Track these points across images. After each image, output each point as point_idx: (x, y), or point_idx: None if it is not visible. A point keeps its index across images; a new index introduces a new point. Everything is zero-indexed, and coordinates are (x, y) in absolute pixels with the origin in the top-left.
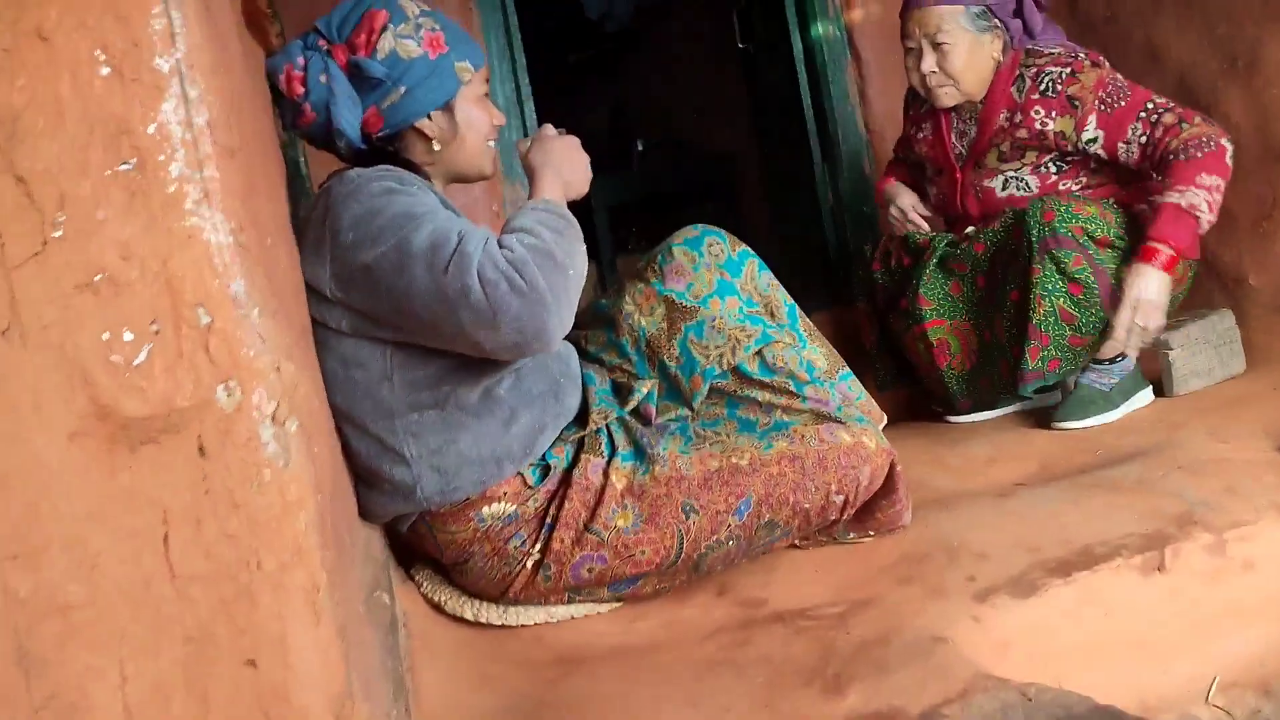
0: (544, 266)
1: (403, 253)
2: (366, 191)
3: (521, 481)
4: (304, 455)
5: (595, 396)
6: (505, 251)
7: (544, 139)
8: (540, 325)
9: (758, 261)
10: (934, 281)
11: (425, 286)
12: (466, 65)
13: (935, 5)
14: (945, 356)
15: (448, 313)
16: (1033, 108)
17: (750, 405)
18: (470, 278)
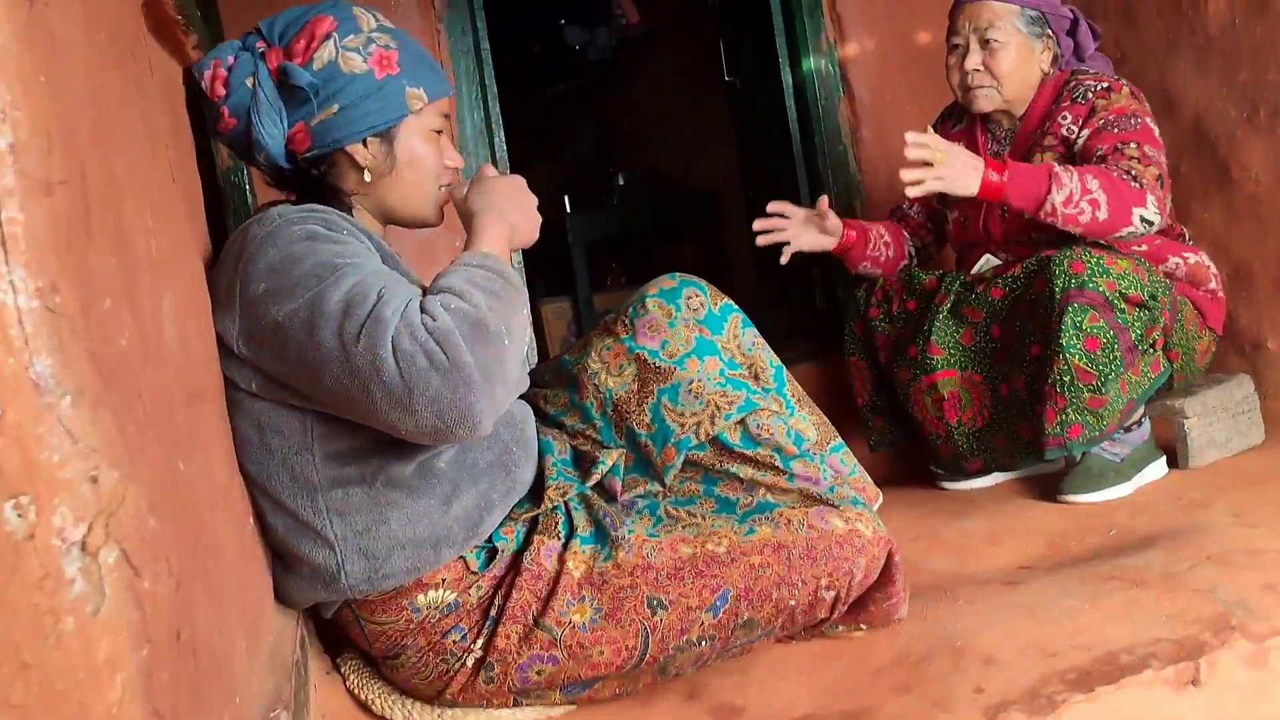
0: (472, 337)
1: (315, 312)
2: (285, 235)
3: (463, 566)
4: (125, 596)
5: (553, 468)
6: (426, 318)
7: (483, 179)
8: (464, 409)
9: (741, 317)
10: (946, 329)
11: (333, 356)
12: (419, 93)
13: (990, 0)
14: (956, 411)
15: (358, 390)
16: (1061, 113)
17: (730, 482)
18: (383, 349)
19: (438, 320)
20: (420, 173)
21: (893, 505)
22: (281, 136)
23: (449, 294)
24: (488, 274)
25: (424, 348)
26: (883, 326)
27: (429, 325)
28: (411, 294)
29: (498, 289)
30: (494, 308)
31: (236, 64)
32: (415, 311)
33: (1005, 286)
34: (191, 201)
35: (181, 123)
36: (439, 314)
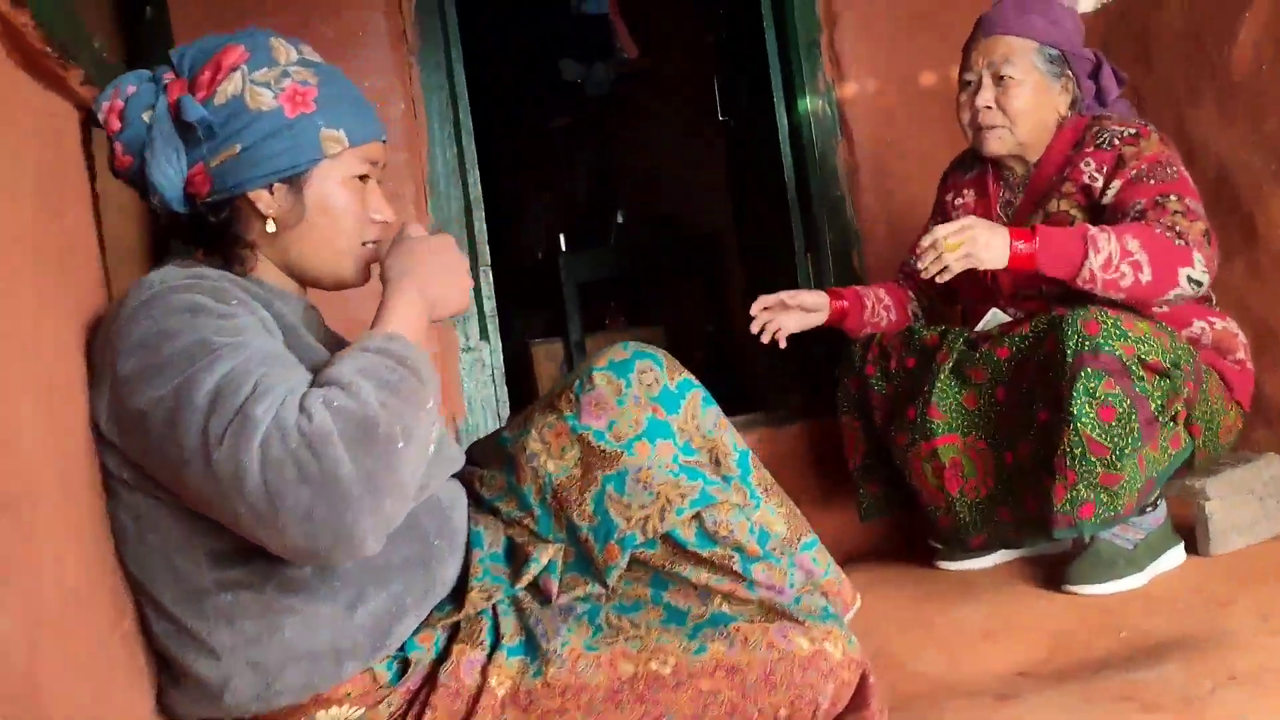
0: (356, 441)
1: (180, 402)
2: (162, 306)
3: (371, 678)
4: None
5: (480, 565)
6: (302, 419)
7: (401, 240)
8: (340, 529)
9: (702, 394)
10: (948, 390)
11: (195, 457)
12: (338, 135)
13: (1006, 34)
14: (958, 480)
15: (220, 500)
16: (1084, 159)
17: (683, 588)
18: (246, 455)
19: (315, 421)
20: (335, 226)
21: (882, 585)
22: (178, 178)
23: (334, 387)
24: (386, 362)
25: (294, 455)
26: (879, 385)
27: (303, 427)
28: (294, 386)
29: (395, 381)
30: (388, 404)
31: (135, 95)
32: (292, 410)
33: (1012, 346)
34: (74, 255)
35: (65, 167)
36: (317, 413)
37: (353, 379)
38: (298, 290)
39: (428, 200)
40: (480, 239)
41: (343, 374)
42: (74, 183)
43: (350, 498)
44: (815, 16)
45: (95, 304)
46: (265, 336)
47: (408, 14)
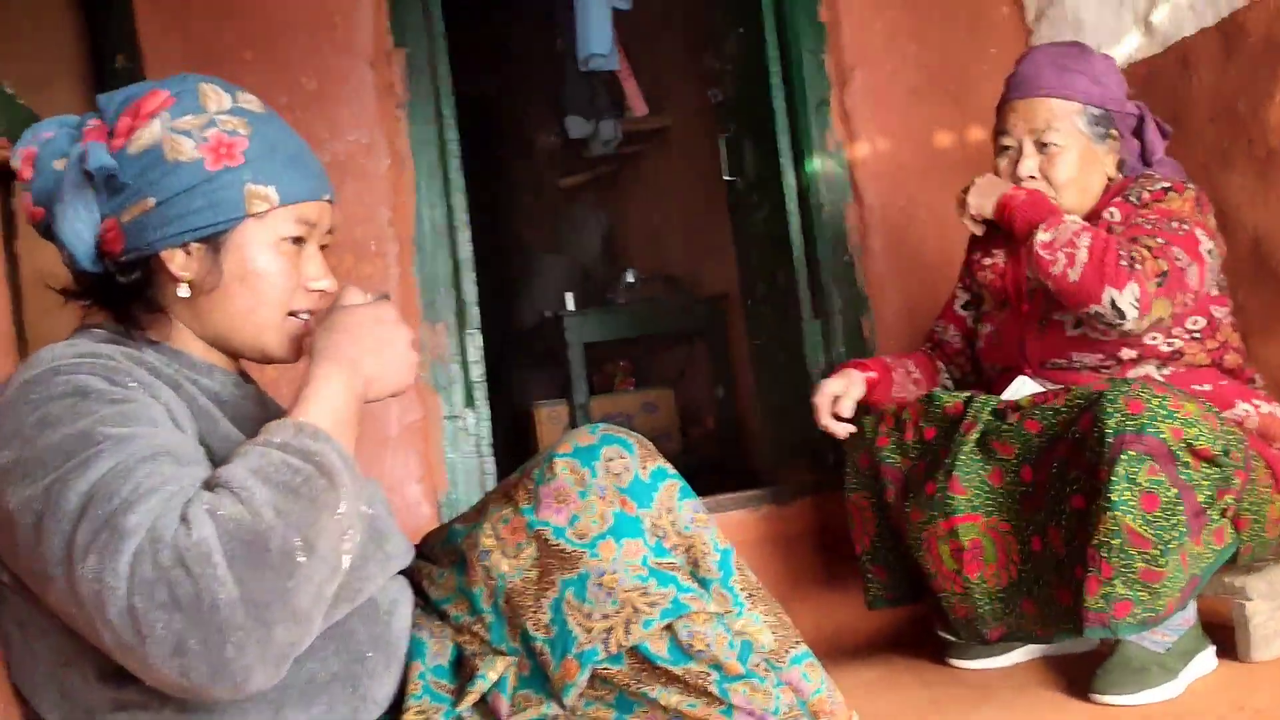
0: (242, 560)
1: (48, 505)
2: (45, 389)
3: None
4: None
5: (419, 681)
6: (182, 530)
7: (335, 310)
8: (219, 665)
9: (680, 485)
10: (972, 464)
11: (57, 572)
12: (265, 192)
13: (1047, 97)
14: (978, 565)
15: (84, 623)
16: (1108, 209)
17: (650, 711)
18: (111, 574)
19: (194, 534)
20: (256, 293)
21: (889, 687)
22: (89, 233)
23: (223, 490)
24: (289, 460)
25: (167, 576)
26: (893, 459)
27: (180, 542)
28: (178, 489)
29: (298, 484)
30: (286, 512)
31: (50, 141)
32: (170, 520)
33: (1044, 420)
34: None
35: None
36: (198, 525)
37: (245, 481)
38: (226, 363)
39: (413, 260)
40: (469, 300)
41: (234, 476)
42: None
43: (230, 627)
44: (825, 75)
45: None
46: (164, 426)
47: (397, 65)
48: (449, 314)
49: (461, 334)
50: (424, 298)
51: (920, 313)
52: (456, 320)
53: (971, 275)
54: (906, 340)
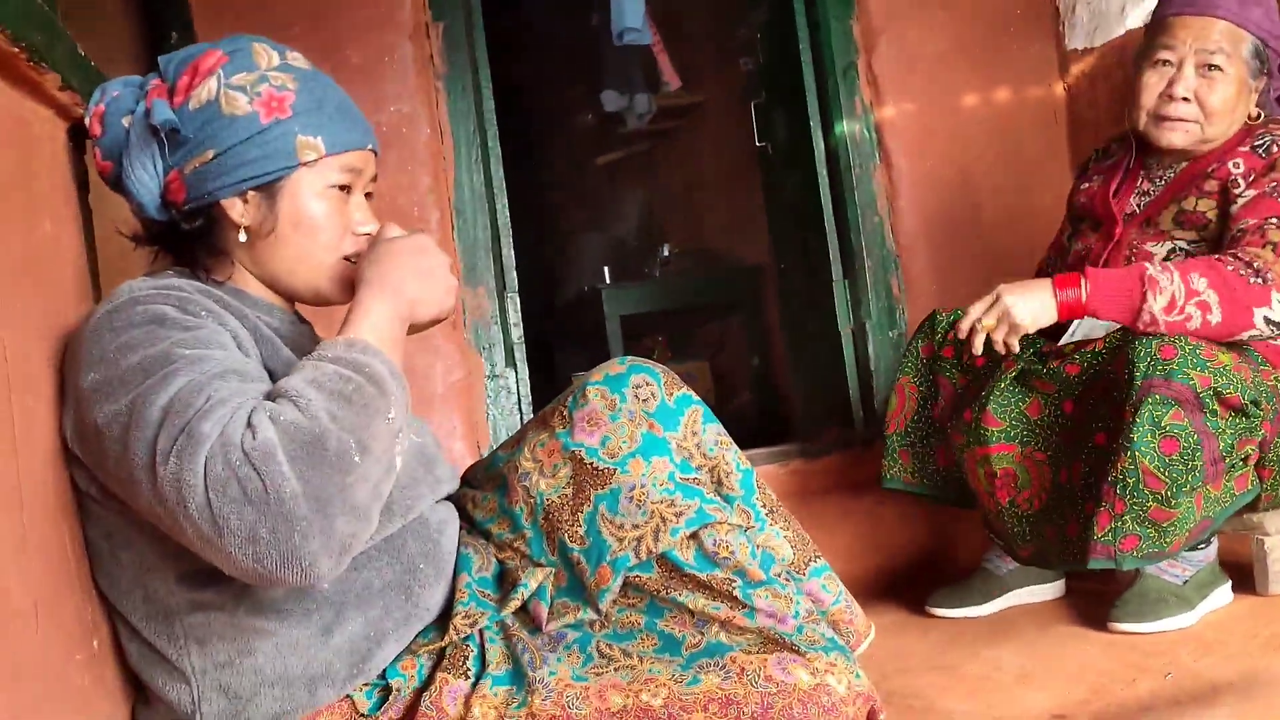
0: (302, 458)
1: (133, 418)
2: (126, 317)
3: (350, 706)
4: None
5: (465, 590)
6: (247, 435)
7: (378, 243)
8: (288, 552)
9: (703, 410)
10: (1008, 398)
11: (143, 475)
12: (314, 142)
13: (1225, 19)
14: (1009, 491)
15: (170, 520)
16: (1235, 158)
17: (678, 615)
18: (191, 473)
19: (258, 437)
20: (310, 237)
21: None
22: (154, 184)
23: (283, 399)
24: (341, 371)
25: (237, 473)
26: (951, 372)
27: (247, 444)
28: (244, 400)
29: (350, 391)
30: (340, 417)
31: (117, 99)
32: (238, 425)
33: (1084, 362)
34: (50, 266)
35: (38, 174)
36: (262, 429)
37: (301, 390)
38: (282, 304)
39: (454, 226)
40: (508, 264)
41: (292, 386)
42: (50, 191)
43: (295, 518)
44: (852, 40)
45: (76, 316)
46: (232, 350)
47: (435, 39)
48: (489, 278)
49: (501, 297)
50: (465, 263)
51: (949, 269)
52: (496, 284)
53: (1071, 205)
54: (936, 297)
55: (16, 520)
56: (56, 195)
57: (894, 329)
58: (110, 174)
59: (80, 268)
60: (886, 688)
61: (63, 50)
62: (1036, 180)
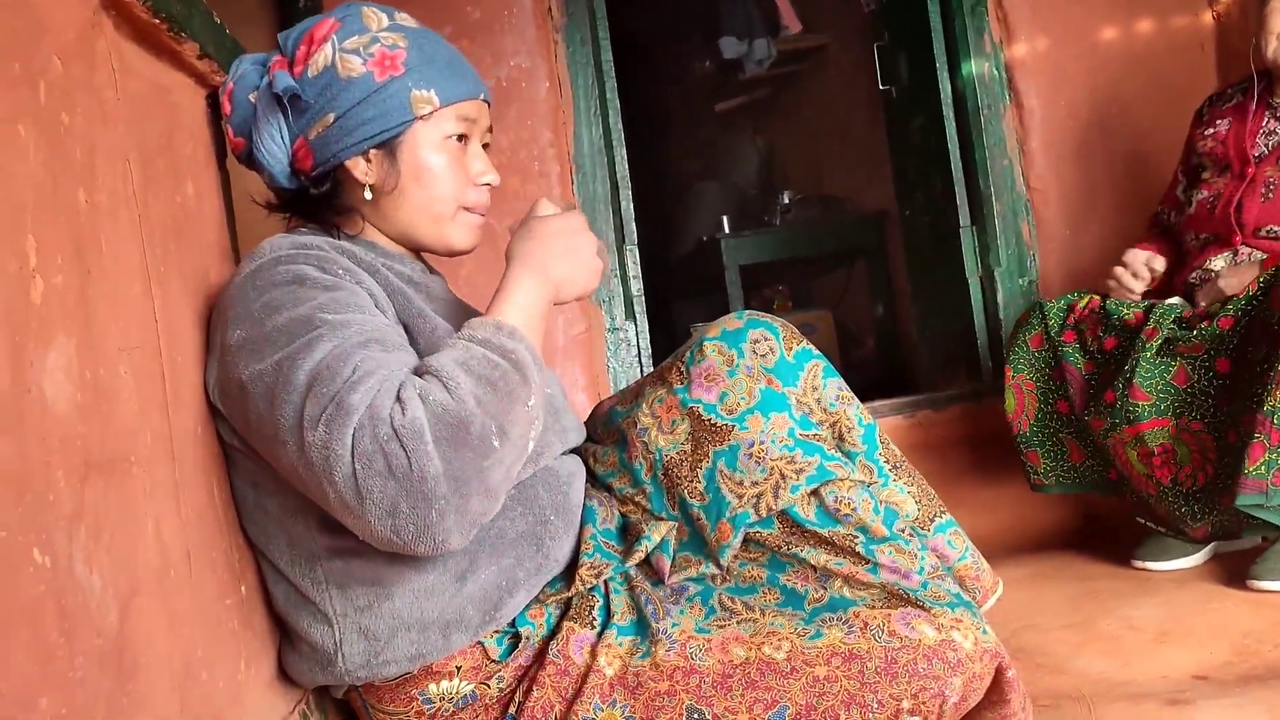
0: (447, 439)
1: (279, 380)
2: (269, 276)
3: (482, 653)
4: None
5: (591, 541)
6: (395, 411)
7: (528, 220)
8: (423, 526)
9: (824, 365)
10: (1153, 369)
11: (290, 438)
12: (428, 95)
13: None
14: (1170, 469)
15: (313, 484)
16: None
17: (800, 570)
18: (339, 444)
19: (407, 415)
20: (431, 190)
21: (1044, 580)
22: (283, 153)
23: (432, 378)
24: (490, 356)
25: (384, 449)
26: (1075, 358)
27: (396, 421)
28: (390, 373)
29: (496, 378)
30: (485, 402)
31: (243, 78)
32: (386, 401)
33: (1235, 311)
34: (193, 226)
35: (181, 139)
36: (411, 407)
37: (451, 372)
38: (412, 255)
39: (574, 179)
40: (627, 217)
41: (443, 366)
42: (192, 156)
43: (435, 496)
44: None
45: (219, 275)
46: (371, 312)
47: None
48: (609, 231)
49: (621, 249)
50: (587, 212)
51: (1083, 212)
52: (616, 236)
53: (1192, 153)
54: (1070, 242)
55: (170, 472)
56: (197, 160)
57: (1024, 276)
58: (242, 150)
59: (221, 229)
60: (1015, 644)
61: (199, 20)
62: (1181, 117)
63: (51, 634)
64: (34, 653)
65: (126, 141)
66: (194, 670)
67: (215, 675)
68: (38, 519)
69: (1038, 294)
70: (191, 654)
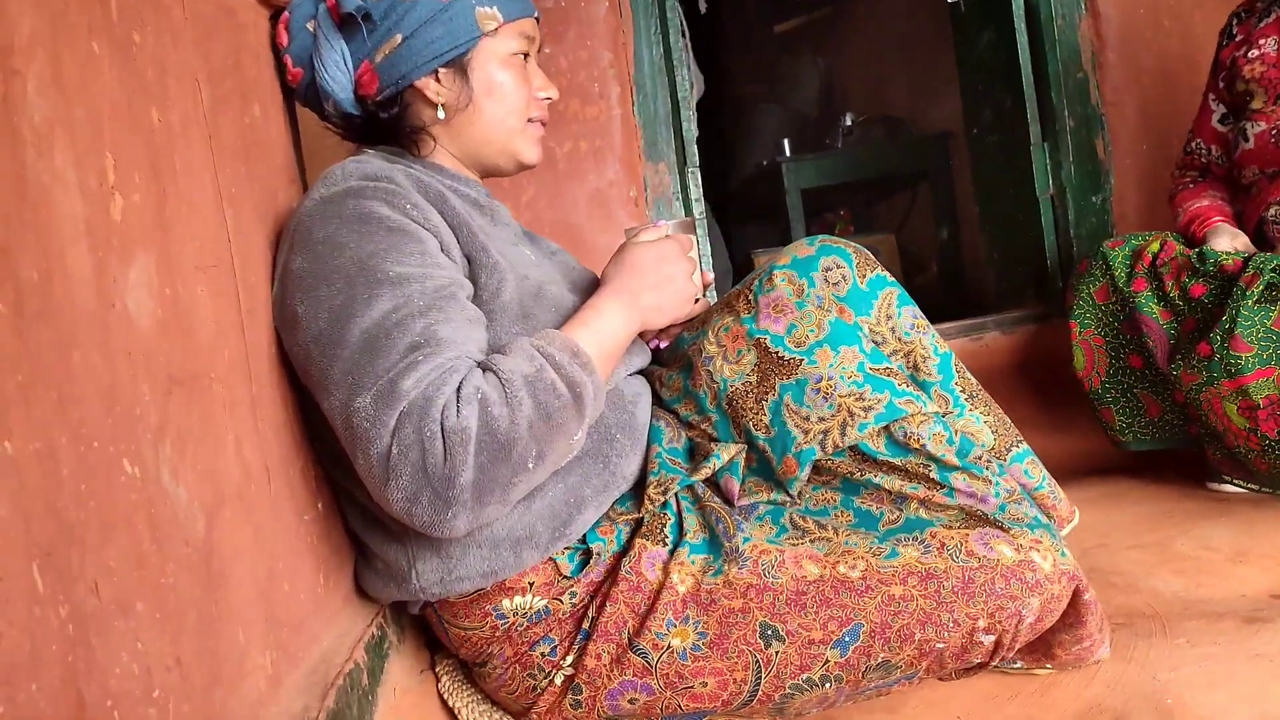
0: (488, 452)
1: (333, 329)
2: (337, 208)
3: (554, 569)
4: None
5: (656, 460)
6: (449, 410)
7: (626, 247)
8: (437, 520)
9: (899, 292)
10: (1253, 317)
11: (336, 390)
12: (492, 12)
13: None
14: (1276, 421)
15: (346, 442)
16: None
17: (874, 492)
18: (381, 422)
19: (461, 418)
20: (503, 104)
21: (1117, 501)
22: (348, 80)
23: (497, 385)
24: (556, 384)
25: (425, 444)
26: (1150, 309)
27: (447, 421)
28: (450, 361)
29: (556, 407)
30: (535, 427)
31: (299, 7)
32: (442, 394)
33: None
34: (260, 148)
35: (247, 62)
36: (466, 412)
37: (518, 390)
38: (477, 178)
39: (634, 100)
40: (688, 139)
41: (513, 377)
42: (258, 78)
43: (457, 500)
44: None
45: (287, 198)
46: (435, 261)
47: None
48: (670, 153)
49: (683, 171)
50: (645, 137)
51: (1160, 129)
52: (677, 158)
53: (1232, 77)
54: (1146, 160)
55: (248, 390)
56: (263, 81)
57: (1097, 194)
58: (301, 81)
59: (287, 151)
60: (1087, 564)
61: None
62: None
63: (144, 542)
64: (130, 559)
65: (195, 61)
66: (277, 582)
67: (296, 587)
68: (127, 431)
69: (1111, 213)
70: (274, 566)
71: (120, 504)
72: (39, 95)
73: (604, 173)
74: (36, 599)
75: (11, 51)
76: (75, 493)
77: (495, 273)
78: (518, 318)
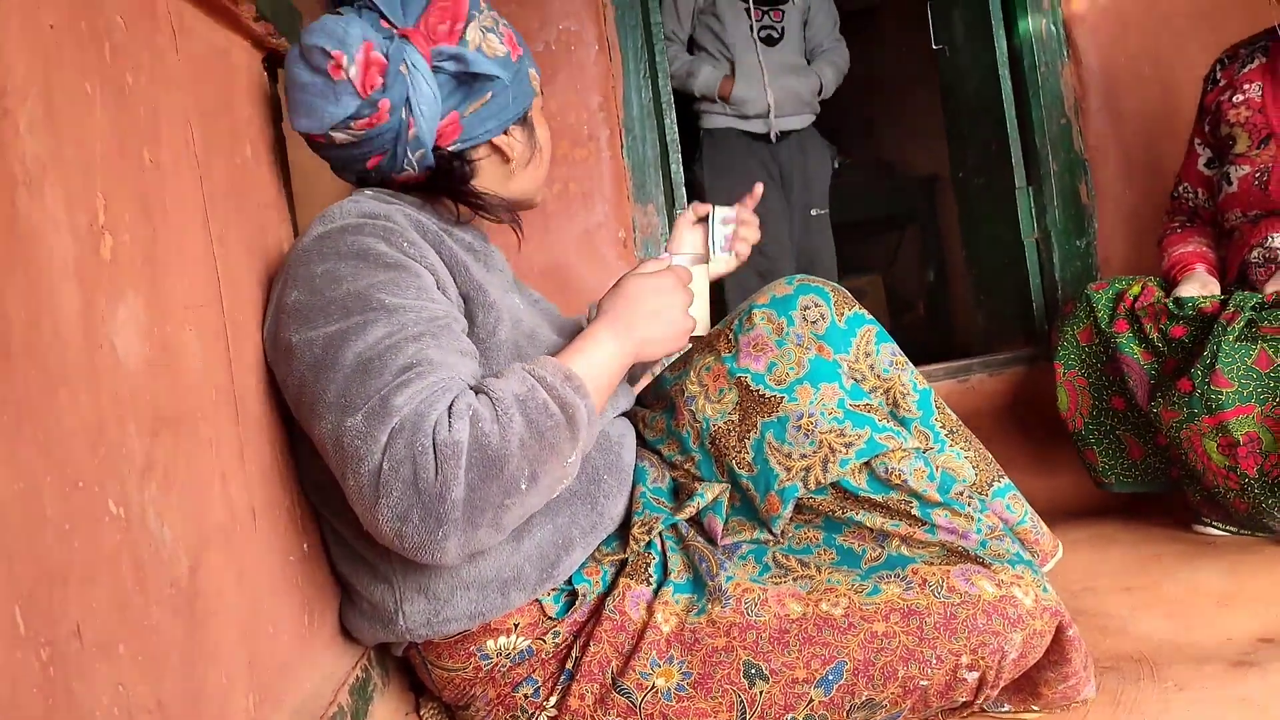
0: (480, 470)
1: (328, 355)
2: (334, 245)
3: (539, 610)
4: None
5: (640, 500)
6: (441, 424)
7: (624, 278)
8: (428, 541)
9: (876, 330)
10: (1235, 355)
11: (327, 414)
12: (535, 73)
13: None
14: (1255, 459)
15: (336, 465)
16: None
17: (856, 530)
18: (373, 439)
19: (452, 432)
20: (547, 155)
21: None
22: (434, 131)
23: (488, 404)
24: (549, 405)
25: (417, 459)
26: (1132, 349)
27: (439, 435)
28: (443, 381)
29: (548, 426)
30: (528, 445)
31: (392, 49)
32: (434, 410)
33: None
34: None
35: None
36: (458, 426)
37: (509, 407)
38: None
39: (623, 144)
40: (677, 181)
41: (503, 395)
42: (250, 118)
43: (448, 519)
44: None
45: (277, 238)
46: (431, 296)
47: None
48: (658, 194)
49: (670, 213)
50: (634, 180)
51: (1143, 174)
52: (665, 200)
53: (1217, 122)
54: (1127, 204)
55: (235, 430)
56: (254, 122)
57: (1082, 238)
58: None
59: (277, 191)
60: (1075, 606)
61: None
62: None
63: (128, 583)
64: (113, 601)
65: (187, 103)
66: (261, 624)
67: (280, 629)
68: (112, 471)
69: (1095, 256)
70: (259, 608)
71: (104, 545)
72: (30, 135)
73: (593, 214)
74: (18, 641)
75: (4, 92)
76: (59, 533)
77: (492, 311)
78: (513, 356)
